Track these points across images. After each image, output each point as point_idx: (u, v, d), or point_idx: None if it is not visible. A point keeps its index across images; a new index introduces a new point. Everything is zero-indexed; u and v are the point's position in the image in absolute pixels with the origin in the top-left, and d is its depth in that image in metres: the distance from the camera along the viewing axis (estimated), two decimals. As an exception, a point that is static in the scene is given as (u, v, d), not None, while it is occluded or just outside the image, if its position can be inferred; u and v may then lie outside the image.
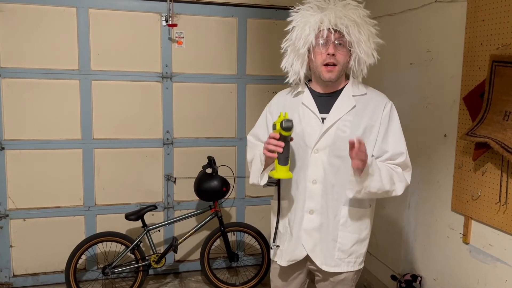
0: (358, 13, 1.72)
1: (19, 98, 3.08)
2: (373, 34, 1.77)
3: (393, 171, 1.73)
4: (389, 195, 1.72)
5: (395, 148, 1.75)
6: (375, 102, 1.79)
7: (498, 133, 1.89)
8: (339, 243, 1.77)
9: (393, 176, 1.71)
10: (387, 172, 1.70)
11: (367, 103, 1.78)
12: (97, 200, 3.31)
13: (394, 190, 1.71)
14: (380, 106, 1.78)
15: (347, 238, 1.78)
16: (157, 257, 3.09)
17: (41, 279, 3.26)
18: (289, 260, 1.84)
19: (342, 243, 1.78)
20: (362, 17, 1.74)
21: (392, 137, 1.76)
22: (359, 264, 1.85)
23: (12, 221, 3.16)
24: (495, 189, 2.01)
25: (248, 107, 3.51)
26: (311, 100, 1.80)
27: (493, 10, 2.02)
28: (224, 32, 3.39)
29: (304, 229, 1.79)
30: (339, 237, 1.77)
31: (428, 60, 2.55)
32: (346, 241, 1.78)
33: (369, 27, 1.75)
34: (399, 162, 1.75)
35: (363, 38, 1.71)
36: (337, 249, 1.78)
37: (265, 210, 3.67)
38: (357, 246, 1.81)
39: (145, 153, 3.36)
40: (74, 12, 3.09)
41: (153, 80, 3.30)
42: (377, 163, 1.70)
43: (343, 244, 1.78)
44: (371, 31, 1.76)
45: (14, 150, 3.11)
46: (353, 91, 1.79)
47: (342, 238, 1.77)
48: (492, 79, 1.94)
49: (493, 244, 2.07)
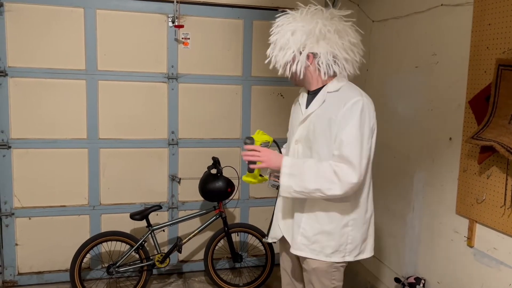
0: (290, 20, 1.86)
1: (26, 97, 3.10)
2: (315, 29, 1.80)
3: (328, 170, 1.73)
4: (326, 194, 1.74)
5: (341, 145, 1.74)
6: (342, 97, 1.81)
7: (504, 137, 1.90)
8: (302, 229, 1.89)
9: (325, 175, 1.73)
10: (316, 172, 1.74)
11: (336, 98, 1.82)
12: (102, 200, 3.33)
13: (329, 189, 1.73)
14: (344, 101, 1.78)
15: (310, 225, 1.88)
16: (161, 257, 3.10)
17: (46, 277, 3.28)
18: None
19: (305, 229, 1.89)
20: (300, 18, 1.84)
21: (343, 134, 1.74)
22: (328, 256, 1.87)
23: (17, 219, 3.18)
24: (500, 193, 2.01)
25: (253, 108, 3.52)
26: (304, 98, 1.98)
27: (500, 14, 2.02)
28: (230, 33, 3.41)
29: (281, 212, 2.03)
30: (302, 223, 1.89)
31: (433, 63, 2.55)
32: (308, 228, 1.88)
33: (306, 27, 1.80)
34: (343, 158, 1.73)
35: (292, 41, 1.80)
36: (301, 234, 1.90)
37: (269, 212, 3.67)
38: (323, 237, 1.86)
39: (150, 153, 3.38)
40: (81, 12, 3.11)
41: (159, 81, 3.32)
42: (304, 164, 1.78)
43: (306, 231, 1.89)
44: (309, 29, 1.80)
45: (21, 149, 3.13)
46: (329, 88, 1.87)
47: (305, 224, 1.89)
48: (498, 83, 1.94)
49: (498, 248, 2.07)
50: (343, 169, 1.72)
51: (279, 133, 3.55)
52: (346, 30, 1.85)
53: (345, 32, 1.84)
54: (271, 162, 1.84)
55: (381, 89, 3.17)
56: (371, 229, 1.96)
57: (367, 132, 1.77)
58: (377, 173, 3.22)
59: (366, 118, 1.76)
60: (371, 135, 1.82)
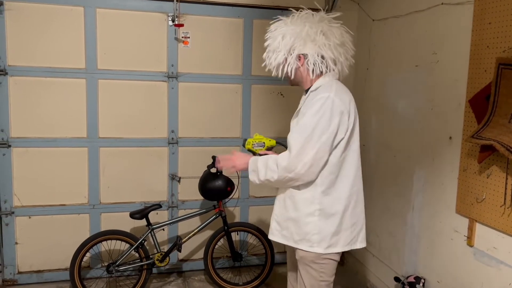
0: None
1: (26, 96, 3.10)
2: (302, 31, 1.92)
3: (272, 161, 1.91)
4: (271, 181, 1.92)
5: (290, 135, 1.91)
6: (315, 94, 1.90)
7: (504, 136, 1.89)
8: (275, 215, 2.06)
9: (270, 166, 1.91)
10: (264, 165, 1.93)
11: (312, 96, 1.92)
12: (102, 199, 3.33)
13: (272, 177, 1.90)
14: (312, 96, 1.90)
15: (280, 212, 2.03)
16: (161, 255, 3.10)
17: (46, 276, 3.28)
18: None
19: (277, 215, 2.05)
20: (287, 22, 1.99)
21: (297, 124, 1.89)
22: (296, 243, 1.95)
23: (17, 218, 3.18)
24: (500, 192, 2.01)
25: (253, 107, 3.52)
26: (303, 97, 2.06)
27: (500, 13, 2.02)
28: (230, 32, 3.41)
29: None
30: (275, 210, 2.07)
31: (433, 62, 2.55)
32: (279, 214, 2.03)
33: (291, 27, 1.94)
34: (288, 145, 1.90)
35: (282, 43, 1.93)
36: (274, 220, 2.06)
37: (268, 211, 3.66)
38: (290, 223, 1.97)
39: (150, 152, 3.38)
40: (81, 11, 3.11)
41: (159, 80, 3.32)
42: (261, 160, 1.96)
43: (278, 216, 2.04)
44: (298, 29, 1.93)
45: (21, 148, 3.13)
46: (312, 87, 1.97)
47: (277, 211, 2.06)
48: (498, 81, 1.94)
49: (498, 247, 2.07)
50: (281, 155, 1.90)
51: (279, 132, 3.56)
52: (332, 31, 1.94)
53: (331, 33, 1.94)
54: (239, 165, 2.06)
55: (381, 88, 3.17)
56: (347, 223, 1.94)
57: (324, 125, 1.81)
58: (376, 172, 3.23)
59: (326, 112, 1.82)
60: (335, 130, 1.83)
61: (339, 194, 1.91)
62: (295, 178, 1.86)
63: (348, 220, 1.94)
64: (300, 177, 1.85)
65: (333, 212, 1.91)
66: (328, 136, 1.82)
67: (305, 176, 1.85)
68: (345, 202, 1.92)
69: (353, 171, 1.94)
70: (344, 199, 1.92)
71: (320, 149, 1.81)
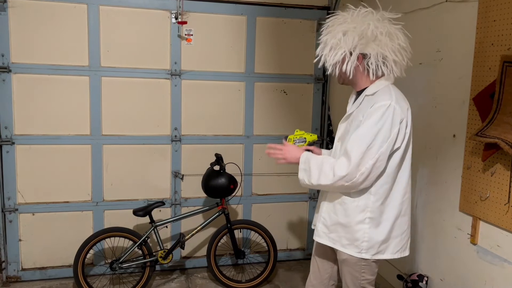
0: None
1: (29, 93, 3.11)
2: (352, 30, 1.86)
3: (328, 166, 1.85)
4: (323, 186, 1.89)
5: (348, 140, 1.84)
6: (373, 100, 1.85)
7: (509, 134, 1.89)
8: (323, 218, 2.03)
9: (325, 170, 1.85)
10: (319, 168, 1.87)
11: (370, 101, 1.87)
12: (105, 196, 3.34)
13: (324, 183, 1.86)
14: (371, 103, 1.84)
15: (328, 215, 2.00)
16: (164, 253, 3.11)
17: (49, 273, 3.30)
18: (313, 224, 2.18)
19: (325, 218, 2.01)
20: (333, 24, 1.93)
21: (356, 131, 1.82)
22: (343, 247, 1.93)
23: (21, 215, 3.19)
24: (504, 190, 2.01)
25: (256, 105, 3.52)
26: (352, 98, 2.06)
27: (505, 10, 2.01)
28: (233, 30, 3.40)
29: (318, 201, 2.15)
30: (323, 212, 2.03)
31: (437, 60, 2.54)
32: (327, 218, 2.00)
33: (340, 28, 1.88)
34: (345, 152, 1.83)
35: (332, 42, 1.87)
36: (321, 222, 2.03)
37: (271, 208, 3.68)
38: (338, 228, 1.95)
39: (153, 149, 3.38)
40: (84, 8, 3.11)
41: (162, 77, 3.32)
42: (315, 160, 1.90)
43: (325, 220, 2.01)
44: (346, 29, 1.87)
45: (24, 145, 3.14)
46: (367, 91, 1.92)
47: (325, 214, 2.02)
48: (503, 79, 1.93)
49: (501, 245, 2.07)
50: (338, 162, 1.82)
51: (282, 130, 3.56)
52: (396, 33, 1.88)
53: (395, 35, 1.88)
54: (289, 158, 2.01)
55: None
56: (396, 231, 1.93)
57: (384, 135, 1.78)
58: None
59: (387, 121, 1.78)
60: (394, 139, 1.80)
61: (392, 202, 1.90)
62: (351, 187, 1.83)
63: (398, 228, 1.93)
64: (356, 185, 1.82)
65: (383, 220, 1.90)
66: (387, 146, 1.79)
67: (361, 184, 1.82)
68: (396, 210, 1.91)
69: (405, 179, 1.92)
70: (395, 207, 1.91)
71: (379, 159, 1.79)
